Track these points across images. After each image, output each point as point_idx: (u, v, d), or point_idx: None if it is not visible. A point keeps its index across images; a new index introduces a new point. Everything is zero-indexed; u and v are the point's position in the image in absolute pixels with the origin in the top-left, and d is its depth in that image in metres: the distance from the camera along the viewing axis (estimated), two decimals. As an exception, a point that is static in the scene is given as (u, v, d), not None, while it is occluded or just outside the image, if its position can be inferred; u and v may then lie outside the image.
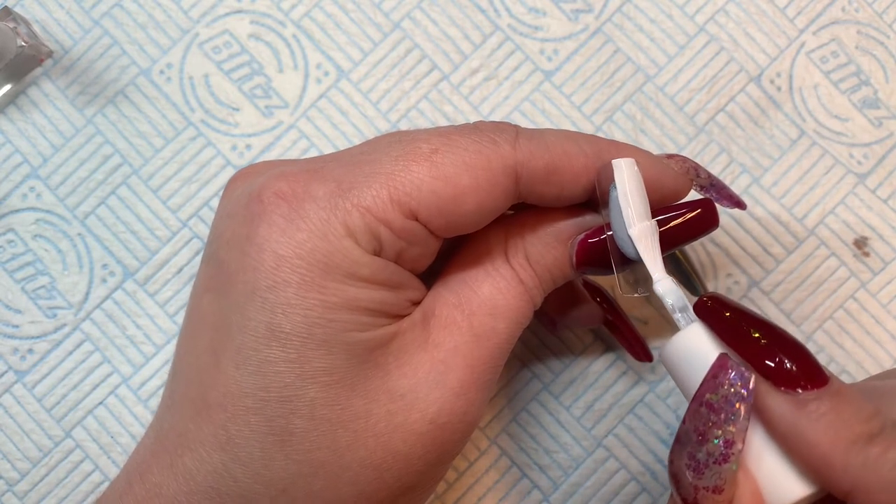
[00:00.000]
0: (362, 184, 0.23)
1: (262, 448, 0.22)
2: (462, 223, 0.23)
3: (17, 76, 0.33)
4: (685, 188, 0.26)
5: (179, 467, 0.23)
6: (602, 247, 0.25)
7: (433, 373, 0.23)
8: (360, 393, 0.23)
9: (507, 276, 0.25)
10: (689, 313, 0.23)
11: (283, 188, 0.23)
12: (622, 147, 0.25)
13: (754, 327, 0.22)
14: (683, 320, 0.23)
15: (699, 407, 0.21)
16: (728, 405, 0.21)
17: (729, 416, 0.21)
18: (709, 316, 0.23)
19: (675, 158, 0.26)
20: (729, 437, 0.21)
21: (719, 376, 0.21)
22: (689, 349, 0.23)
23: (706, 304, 0.23)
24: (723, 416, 0.21)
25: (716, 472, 0.21)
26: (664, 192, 0.25)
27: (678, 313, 0.23)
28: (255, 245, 0.22)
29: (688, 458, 0.22)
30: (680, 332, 0.23)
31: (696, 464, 0.22)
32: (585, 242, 0.25)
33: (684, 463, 0.22)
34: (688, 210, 0.25)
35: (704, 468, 0.21)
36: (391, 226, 0.23)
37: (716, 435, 0.21)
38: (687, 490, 0.22)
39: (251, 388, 0.22)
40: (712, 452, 0.21)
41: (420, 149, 0.23)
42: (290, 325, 0.22)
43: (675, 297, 0.23)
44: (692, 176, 0.26)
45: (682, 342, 0.23)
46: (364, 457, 0.23)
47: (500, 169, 0.23)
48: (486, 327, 0.24)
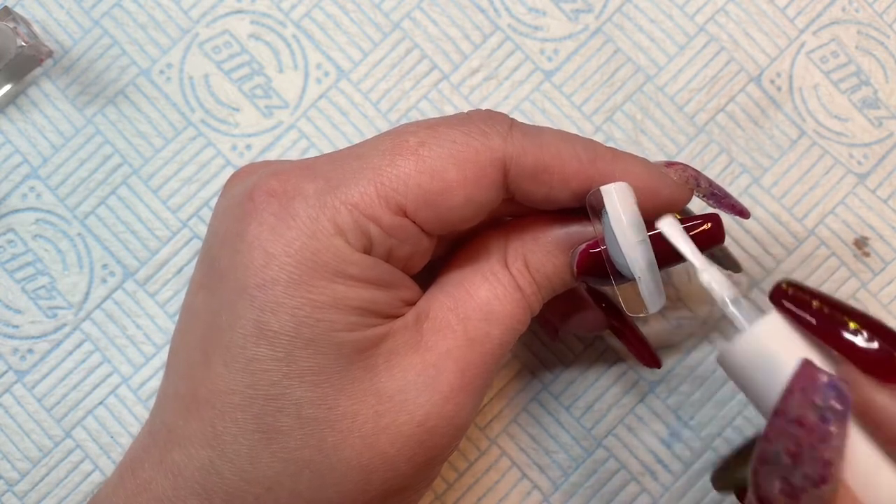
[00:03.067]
0: (350, 180, 0.23)
1: (248, 445, 0.22)
2: (452, 218, 0.23)
3: (17, 76, 0.33)
4: (685, 198, 0.25)
5: (168, 463, 0.23)
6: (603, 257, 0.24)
7: (423, 375, 0.23)
8: (348, 393, 0.22)
9: (505, 282, 0.24)
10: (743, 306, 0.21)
11: (274, 186, 0.23)
12: (619, 156, 0.24)
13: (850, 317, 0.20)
14: (742, 315, 0.21)
15: (787, 424, 0.19)
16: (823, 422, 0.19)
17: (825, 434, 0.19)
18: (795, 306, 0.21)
19: (676, 167, 0.26)
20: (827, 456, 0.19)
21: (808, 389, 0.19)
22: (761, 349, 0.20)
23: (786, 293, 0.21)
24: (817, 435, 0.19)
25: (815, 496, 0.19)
26: (662, 201, 0.24)
27: (733, 307, 0.21)
28: (245, 243, 0.22)
29: (780, 482, 0.19)
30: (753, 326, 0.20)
31: (792, 488, 0.19)
32: (587, 252, 0.24)
33: (777, 488, 0.20)
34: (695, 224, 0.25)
35: (801, 493, 0.19)
36: (380, 222, 0.22)
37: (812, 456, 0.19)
38: None
39: (239, 386, 0.22)
40: (809, 475, 0.19)
41: (407, 142, 0.23)
42: (279, 324, 0.22)
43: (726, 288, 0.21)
44: (692, 185, 0.26)
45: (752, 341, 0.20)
46: (350, 457, 0.22)
47: (488, 161, 0.23)
48: (480, 332, 0.24)
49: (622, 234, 0.23)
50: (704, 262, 0.22)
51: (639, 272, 0.23)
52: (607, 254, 0.24)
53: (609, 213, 0.23)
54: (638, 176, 0.24)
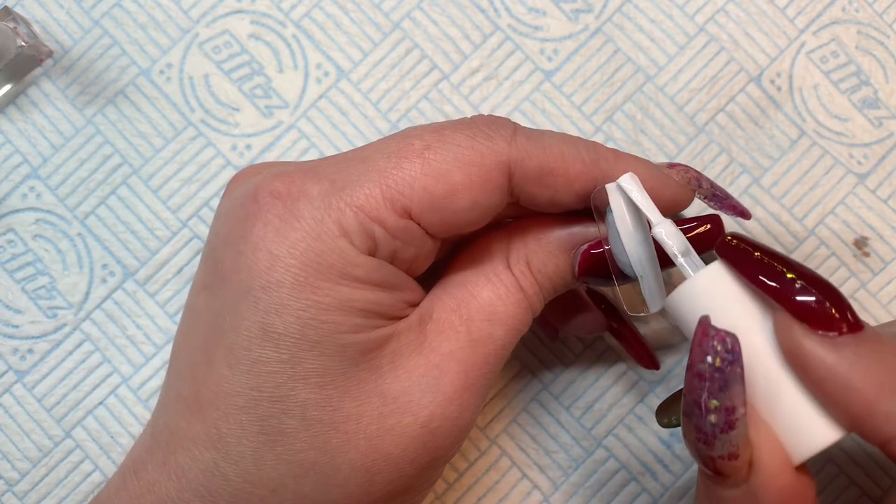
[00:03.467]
0: (355, 182, 0.23)
1: (253, 447, 0.22)
2: (457, 221, 0.23)
3: (17, 76, 0.33)
4: (687, 199, 0.25)
5: (172, 465, 0.23)
6: (605, 258, 0.24)
7: (427, 377, 0.23)
8: (353, 395, 0.22)
9: (508, 283, 0.24)
10: (693, 258, 0.22)
11: (278, 187, 0.23)
12: (621, 157, 0.24)
13: (787, 266, 0.21)
14: (690, 266, 0.22)
15: (693, 378, 0.21)
16: (718, 372, 0.21)
17: (722, 383, 0.20)
18: (735, 255, 0.22)
19: (677, 168, 0.26)
20: (728, 403, 0.21)
21: (703, 343, 0.21)
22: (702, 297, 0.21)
23: (730, 244, 0.22)
24: (717, 385, 0.21)
25: (725, 441, 0.21)
26: (664, 203, 0.25)
27: (682, 258, 0.22)
28: (249, 244, 0.22)
29: (696, 431, 0.21)
30: (699, 273, 0.22)
31: (705, 436, 0.21)
32: (588, 253, 0.25)
33: (694, 437, 0.21)
34: (695, 225, 0.25)
35: (713, 439, 0.21)
36: (385, 224, 0.22)
37: (714, 405, 0.21)
38: (705, 461, 0.21)
39: (243, 388, 0.22)
40: (716, 423, 0.21)
41: (412, 145, 0.23)
42: (283, 326, 0.22)
43: (677, 240, 0.22)
44: (694, 186, 0.26)
45: (695, 288, 0.22)
46: (355, 459, 0.22)
47: (493, 165, 0.23)
48: (483, 333, 0.24)
49: (626, 230, 0.23)
50: (660, 217, 0.22)
51: (641, 270, 0.23)
52: (610, 254, 0.24)
53: (613, 210, 0.23)
54: (640, 177, 0.24)
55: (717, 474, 0.22)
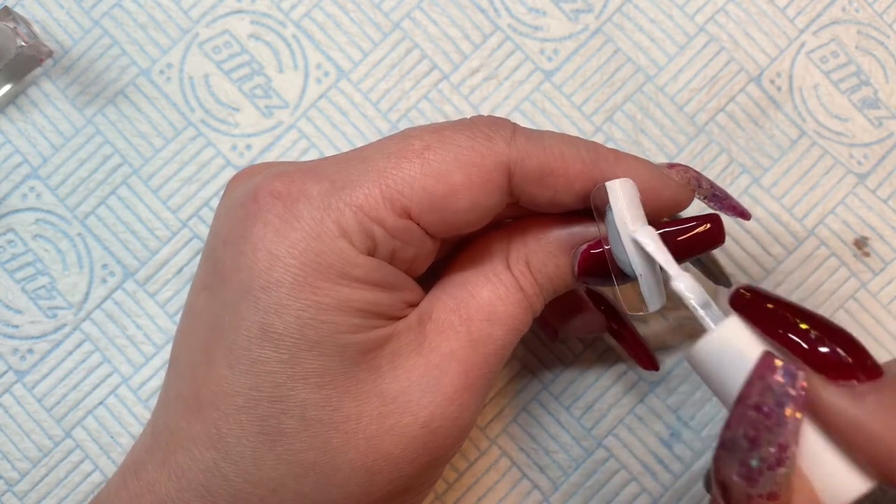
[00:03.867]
0: (355, 182, 0.23)
1: (252, 447, 0.22)
2: (457, 221, 0.23)
3: (17, 76, 0.33)
4: (686, 199, 0.25)
5: (172, 465, 0.23)
6: (604, 258, 0.24)
7: (427, 377, 0.23)
8: (353, 395, 0.22)
9: (508, 283, 0.24)
10: (713, 310, 0.22)
11: (278, 187, 0.23)
12: (621, 157, 0.24)
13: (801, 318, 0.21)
14: (710, 318, 0.22)
15: (746, 411, 0.20)
16: (779, 407, 0.20)
17: (782, 419, 0.20)
18: (749, 309, 0.22)
19: (677, 168, 0.26)
20: (782, 440, 0.20)
21: (766, 376, 0.20)
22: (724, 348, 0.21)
23: (744, 297, 0.22)
24: (774, 420, 0.20)
25: (770, 479, 0.20)
26: (664, 203, 0.25)
27: (702, 310, 0.22)
28: (249, 244, 0.22)
29: (738, 465, 0.21)
30: (712, 331, 0.22)
31: (749, 471, 0.20)
32: (588, 253, 0.24)
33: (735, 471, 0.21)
34: (694, 225, 0.25)
35: (758, 476, 0.20)
36: (384, 224, 0.22)
37: (768, 440, 0.20)
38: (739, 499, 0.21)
39: (243, 388, 0.22)
40: (766, 458, 0.20)
41: (412, 146, 0.23)
42: (283, 326, 0.22)
43: (697, 294, 0.22)
44: (694, 186, 0.26)
45: (716, 341, 0.22)
46: (355, 459, 0.22)
47: (492, 165, 0.23)
48: (483, 333, 0.24)
49: (625, 228, 0.23)
50: (678, 270, 0.23)
51: (640, 269, 0.23)
52: (609, 253, 0.24)
53: (613, 209, 0.23)
54: (640, 177, 0.24)
55: None
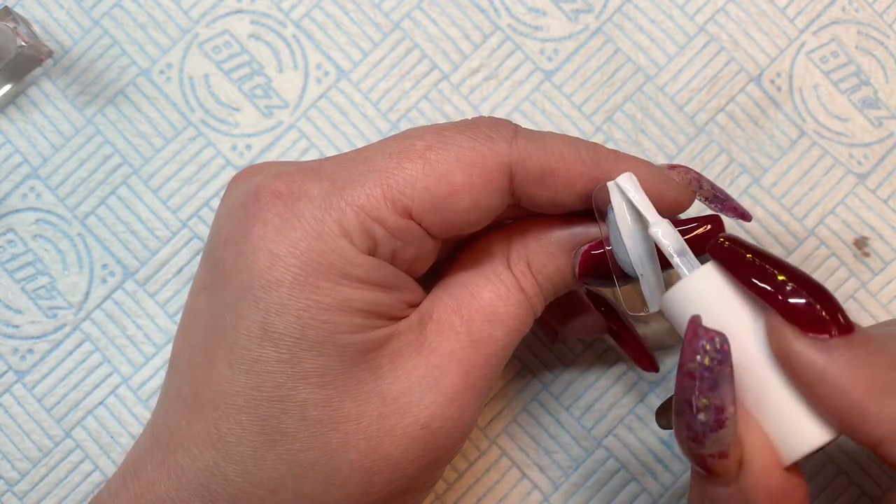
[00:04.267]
0: (356, 182, 0.23)
1: (253, 447, 0.22)
2: (458, 221, 0.23)
3: (17, 76, 0.33)
4: (687, 200, 0.25)
5: (172, 464, 0.23)
6: (605, 259, 0.24)
7: (427, 377, 0.23)
8: (353, 395, 0.22)
9: (508, 284, 0.24)
10: (689, 258, 0.22)
11: (279, 187, 0.23)
12: (622, 157, 0.24)
13: (778, 269, 0.21)
14: (685, 265, 0.22)
15: (683, 377, 0.21)
16: (708, 371, 0.21)
17: (711, 382, 0.21)
18: (727, 256, 0.22)
19: (678, 169, 0.26)
20: (717, 402, 0.21)
21: (693, 343, 0.21)
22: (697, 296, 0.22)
23: (723, 245, 0.22)
24: (707, 384, 0.21)
25: (715, 439, 0.21)
26: (665, 204, 0.25)
27: (678, 257, 0.22)
28: (250, 244, 0.22)
29: (686, 429, 0.21)
30: (692, 274, 0.22)
31: (695, 434, 0.21)
32: (588, 254, 0.24)
33: (685, 435, 0.21)
34: (696, 226, 0.25)
35: (703, 437, 0.21)
36: (385, 224, 0.22)
37: (703, 403, 0.21)
38: (696, 459, 0.22)
39: (243, 388, 0.22)
40: (705, 421, 0.21)
41: (414, 146, 0.23)
42: (283, 326, 0.22)
43: (673, 240, 0.22)
44: (695, 187, 0.26)
45: (689, 288, 0.22)
46: (355, 459, 0.22)
47: (494, 166, 0.23)
48: (483, 333, 0.24)
49: (626, 228, 0.23)
50: (656, 217, 0.23)
51: (641, 269, 0.23)
52: (611, 254, 0.24)
53: (614, 208, 0.23)
54: (641, 177, 0.24)
55: (708, 472, 0.22)
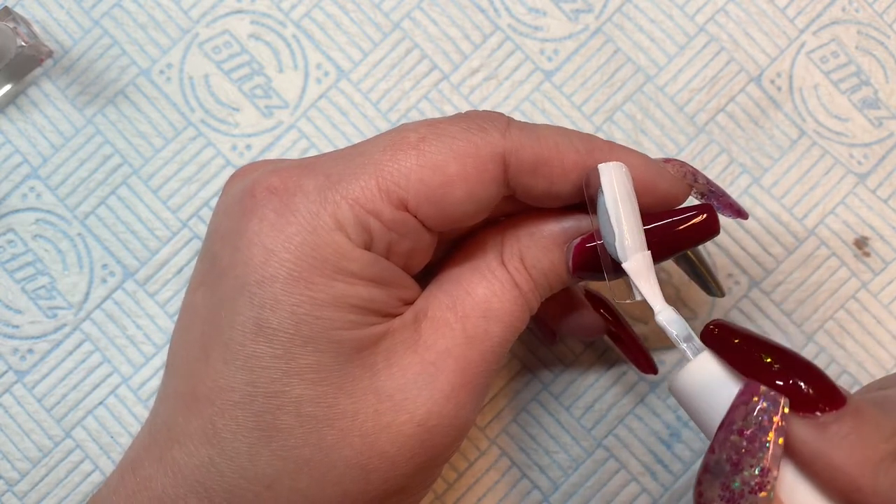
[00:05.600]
0: (351, 175, 0.23)
1: (248, 443, 0.22)
2: (453, 213, 0.23)
3: (17, 76, 0.33)
4: (682, 193, 0.25)
5: (168, 460, 0.23)
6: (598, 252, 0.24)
7: (423, 374, 0.23)
8: (348, 392, 0.22)
9: (503, 279, 0.24)
10: (695, 342, 0.23)
11: (274, 183, 0.23)
12: (616, 148, 0.24)
13: (765, 352, 0.22)
14: (690, 350, 0.23)
15: (730, 435, 0.21)
16: (762, 432, 0.21)
17: (764, 444, 0.21)
18: (717, 344, 0.22)
19: (673, 163, 0.26)
20: (764, 464, 0.21)
21: (750, 402, 0.21)
22: (704, 379, 0.22)
23: (713, 333, 0.22)
24: (757, 444, 0.21)
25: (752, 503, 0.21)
26: (659, 195, 0.24)
27: (684, 343, 0.23)
28: (245, 239, 0.22)
29: (721, 489, 0.21)
30: (691, 362, 0.22)
31: (731, 494, 0.21)
32: (582, 247, 0.24)
33: (717, 494, 0.21)
34: (688, 216, 0.25)
35: (740, 499, 0.21)
36: (381, 217, 0.22)
37: (751, 463, 0.21)
38: None
39: (238, 383, 0.22)
40: (748, 482, 0.21)
41: (407, 138, 0.23)
42: (278, 321, 0.22)
43: (679, 327, 0.23)
44: (690, 181, 0.26)
45: (695, 372, 0.22)
46: (350, 456, 0.22)
47: (488, 156, 0.23)
48: (479, 330, 0.24)
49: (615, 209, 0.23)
50: (662, 304, 0.23)
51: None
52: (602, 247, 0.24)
53: (604, 190, 0.23)
54: (636, 168, 0.24)
55: None
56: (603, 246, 0.24)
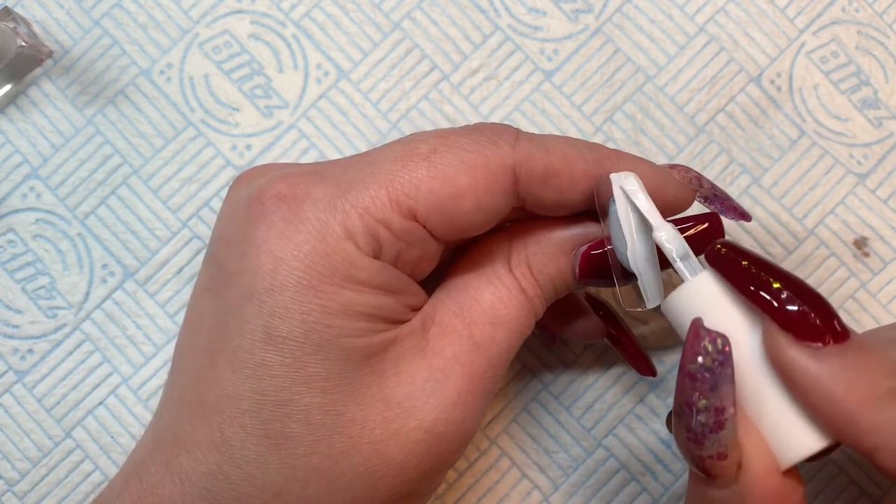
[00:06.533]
0: (361, 185, 0.23)
1: (257, 451, 0.22)
2: (463, 224, 0.23)
3: (17, 76, 0.33)
4: (688, 199, 0.25)
5: (175, 467, 0.23)
6: (605, 258, 0.24)
7: (431, 381, 0.23)
8: (357, 399, 0.22)
9: (509, 285, 0.24)
10: (691, 262, 0.23)
11: (283, 190, 0.23)
12: (624, 156, 0.24)
13: (774, 276, 0.21)
14: (687, 269, 0.22)
15: (684, 378, 0.21)
16: (708, 372, 0.21)
17: (712, 384, 0.21)
18: (723, 264, 0.22)
19: (678, 168, 0.26)
20: (717, 403, 0.21)
21: (695, 344, 0.21)
22: (696, 300, 0.22)
23: (719, 252, 0.22)
24: (707, 385, 0.21)
25: (714, 441, 0.21)
26: (666, 201, 0.25)
27: (681, 262, 0.22)
28: (253, 247, 0.22)
29: (686, 430, 0.21)
30: (691, 280, 0.22)
31: (695, 435, 0.21)
32: (588, 254, 0.24)
33: (684, 436, 0.21)
34: (694, 224, 0.25)
35: (703, 438, 0.21)
36: (390, 226, 0.22)
37: (703, 404, 0.21)
38: (695, 461, 0.22)
39: (247, 391, 0.22)
40: (705, 422, 0.21)
41: (418, 149, 0.23)
42: (287, 330, 0.22)
43: (677, 244, 0.22)
44: (695, 186, 0.26)
45: (693, 292, 0.22)
46: (359, 463, 0.22)
47: (498, 168, 0.23)
48: (486, 336, 0.24)
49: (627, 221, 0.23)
50: (660, 220, 0.23)
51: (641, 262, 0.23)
52: (611, 253, 0.24)
53: (616, 201, 0.23)
54: (643, 175, 0.24)
55: (706, 474, 0.22)
56: (613, 252, 0.24)
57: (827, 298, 0.22)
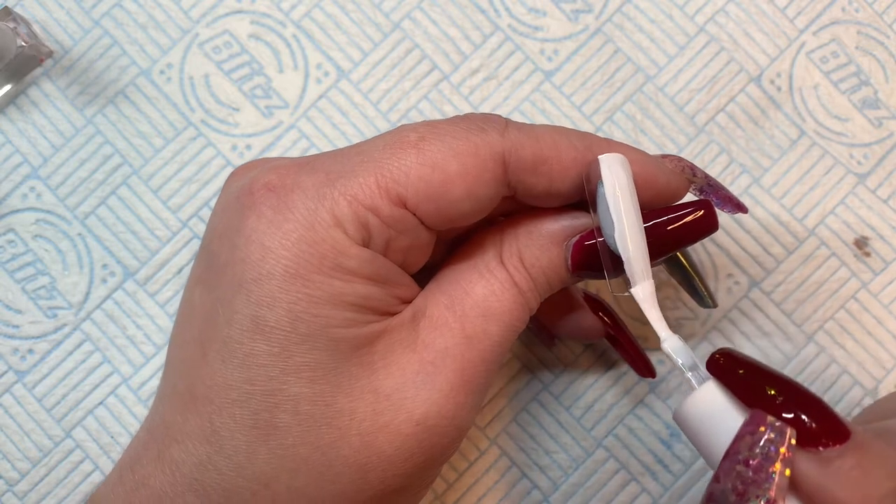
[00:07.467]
0: (350, 173, 0.23)
1: (246, 441, 0.22)
2: (453, 211, 0.23)
3: (17, 76, 0.33)
4: (682, 187, 0.25)
5: (166, 459, 0.23)
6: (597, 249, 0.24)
7: (421, 374, 0.23)
8: (346, 390, 0.22)
9: (501, 278, 0.24)
10: (700, 371, 0.23)
11: (272, 180, 0.23)
12: (614, 144, 0.24)
13: (769, 384, 0.22)
14: (695, 379, 0.23)
15: (735, 464, 0.21)
16: (768, 462, 0.21)
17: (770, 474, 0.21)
18: (722, 374, 0.22)
19: (670, 158, 0.26)
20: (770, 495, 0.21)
21: (756, 431, 0.21)
22: (708, 408, 0.22)
23: (718, 362, 0.22)
24: (763, 475, 0.21)
25: None
26: (659, 189, 0.24)
27: (689, 372, 0.23)
28: (243, 237, 0.22)
29: None
30: (696, 391, 0.23)
31: None
32: (581, 244, 0.24)
33: None
34: (687, 212, 0.24)
35: None
36: (379, 213, 0.22)
37: (756, 494, 0.21)
38: None
39: (236, 381, 0.22)
40: None
41: (407, 137, 0.23)
42: (275, 319, 0.22)
43: (684, 356, 0.23)
44: (688, 175, 0.26)
45: (700, 401, 0.22)
46: (348, 455, 0.22)
47: (488, 155, 0.23)
48: (477, 329, 0.24)
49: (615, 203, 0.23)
50: (668, 332, 0.23)
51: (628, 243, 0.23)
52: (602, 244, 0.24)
53: (604, 181, 0.23)
54: (634, 163, 0.24)
55: None
56: (604, 243, 0.24)
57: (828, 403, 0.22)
